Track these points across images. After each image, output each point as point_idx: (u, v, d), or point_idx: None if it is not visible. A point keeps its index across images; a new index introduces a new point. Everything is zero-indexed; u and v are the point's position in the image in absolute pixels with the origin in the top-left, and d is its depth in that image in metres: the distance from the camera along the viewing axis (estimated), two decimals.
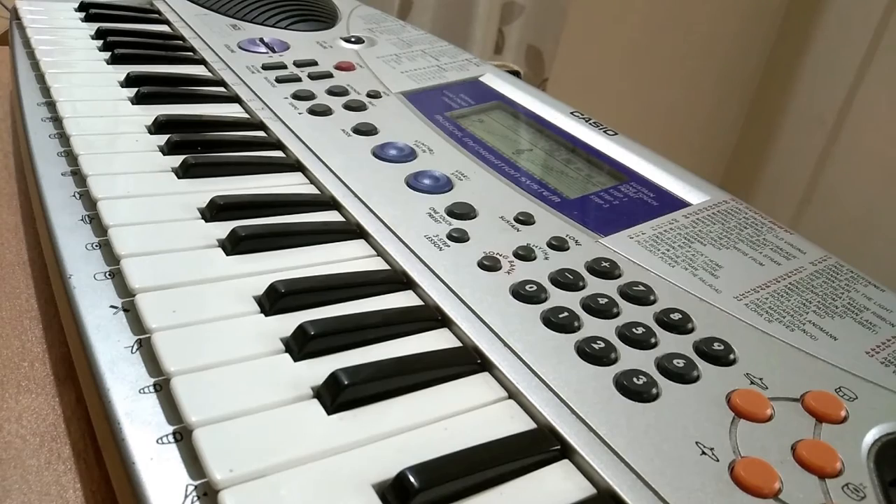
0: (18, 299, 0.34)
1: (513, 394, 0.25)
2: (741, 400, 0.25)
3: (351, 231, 0.34)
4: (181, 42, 0.54)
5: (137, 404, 0.23)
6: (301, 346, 0.25)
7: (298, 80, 0.49)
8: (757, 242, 0.35)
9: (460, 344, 0.28)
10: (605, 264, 0.32)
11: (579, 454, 0.23)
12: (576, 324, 0.28)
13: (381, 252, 0.32)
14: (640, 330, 0.28)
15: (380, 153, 0.40)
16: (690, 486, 0.22)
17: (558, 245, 0.33)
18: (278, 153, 0.40)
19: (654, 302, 0.30)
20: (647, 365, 0.26)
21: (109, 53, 0.49)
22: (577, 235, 0.34)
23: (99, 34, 0.52)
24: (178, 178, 0.36)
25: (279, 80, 0.48)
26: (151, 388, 0.24)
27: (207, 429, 0.22)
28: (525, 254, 0.32)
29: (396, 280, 0.31)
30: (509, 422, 0.24)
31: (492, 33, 1.19)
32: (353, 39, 0.57)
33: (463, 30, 1.14)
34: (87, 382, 0.26)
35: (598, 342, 0.27)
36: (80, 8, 0.57)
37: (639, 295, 0.30)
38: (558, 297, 0.30)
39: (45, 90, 0.43)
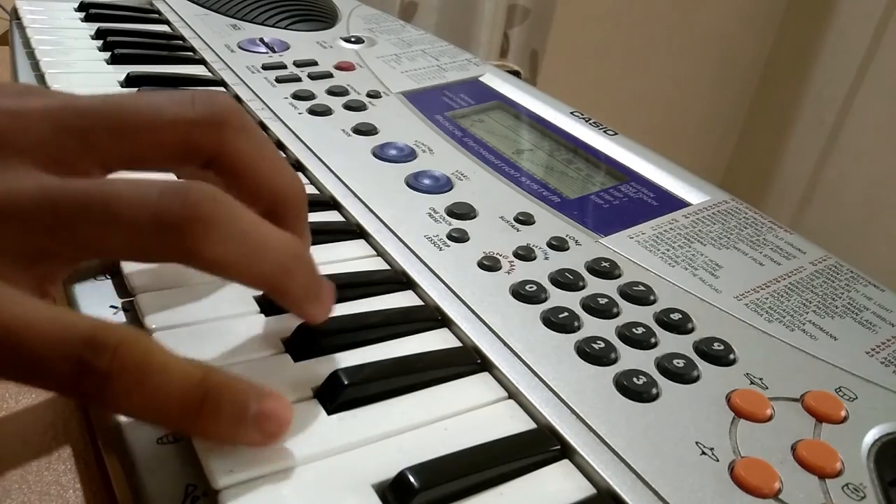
0: None
1: (513, 394, 0.25)
2: (741, 400, 0.25)
3: (351, 231, 0.34)
4: (181, 42, 0.54)
5: None
6: (302, 346, 0.25)
7: (298, 80, 0.49)
8: (757, 242, 0.35)
9: (460, 344, 0.28)
10: (605, 264, 0.32)
11: (579, 454, 0.23)
12: (576, 324, 0.28)
13: (381, 252, 0.32)
14: (640, 330, 0.28)
15: (380, 153, 0.40)
16: (690, 486, 0.22)
17: (558, 245, 0.33)
18: None
19: (654, 302, 0.30)
20: (647, 365, 0.26)
21: (109, 53, 0.49)
22: (577, 235, 0.34)
23: (99, 34, 0.52)
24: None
25: (279, 80, 0.48)
26: None
27: None
28: (525, 254, 0.32)
29: (396, 280, 0.31)
30: (509, 422, 0.24)
31: (497, 37, 1.19)
32: (353, 39, 0.57)
33: (467, 33, 1.14)
34: None
35: (598, 342, 0.27)
36: (80, 8, 0.57)
37: (639, 295, 0.30)
38: (558, 297, 0.30)
39: None
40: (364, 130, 0.42)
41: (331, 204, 0.36)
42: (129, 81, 0.45)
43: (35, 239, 0.20)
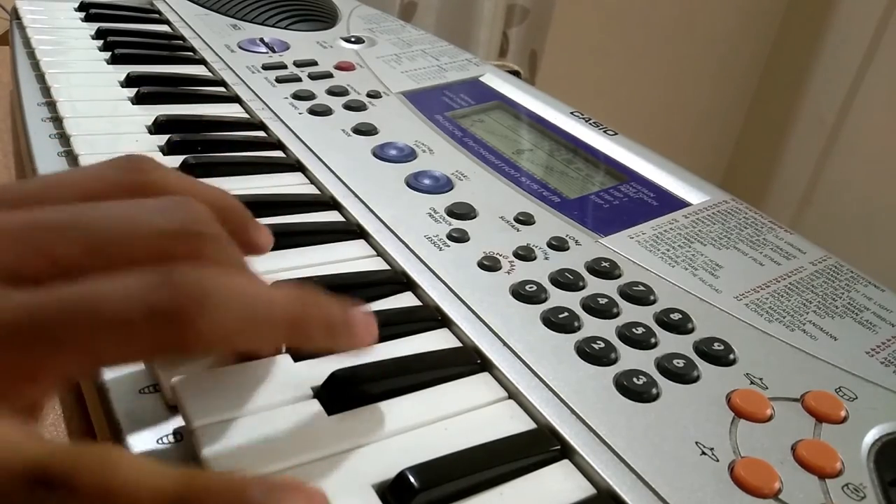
0: None
1: (513, 394, 0.25)
2: (741, 400, 0.25)
3: (351, 231, 0.34)
4: (181, 42, 0.54)
5: (137, 404, 0.23)
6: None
7: (298, 80, 0.49)
8: (757, 242, 0.35)
9: (460, 344, 0.28)
10: (605, 264, 0.32)
11: (579, 454, 0.23)
12: (576, 324, 0.28)
13: (381, 252, 0.32)
14: (640, 330, 0.28)
15: (380, 153, 0.40)
16: (690, 486, 0.22)
17: (558, 245, 0.33)
18: (278, 153, 0.40)
19: (654, 302, 0.30)
20: (647, 365, 0.26)
21: (110, 53, 0.49)
22: (577, 235, 0.34)
23: (99, 34, 0.52)
24: None
25: (279, 80, 0.48)
26: (151, 388, 0.24)
27: (208, 429, 0.22)
28: (525, 254, 0.32)
29: (396, 280, 0.31)
30: (509, 422, 0.24)
31: (496, 37, 1.18)
32: (353, 39, 0.57)
33: (466, 33, 1.14)
34: (87, 383, 0.26)
35: (598, 342, 0.27)
36: (80, 8, 0.57)
37: (639, 295, 0.30)
38: (558, 297, 0.30)
39: (46, 90, 0.43)
40: (364, 130, 0.42)
41: (331, 204, 0.36)
42: (130, 81, 0.45)
43: (11, 361, 0.17)
